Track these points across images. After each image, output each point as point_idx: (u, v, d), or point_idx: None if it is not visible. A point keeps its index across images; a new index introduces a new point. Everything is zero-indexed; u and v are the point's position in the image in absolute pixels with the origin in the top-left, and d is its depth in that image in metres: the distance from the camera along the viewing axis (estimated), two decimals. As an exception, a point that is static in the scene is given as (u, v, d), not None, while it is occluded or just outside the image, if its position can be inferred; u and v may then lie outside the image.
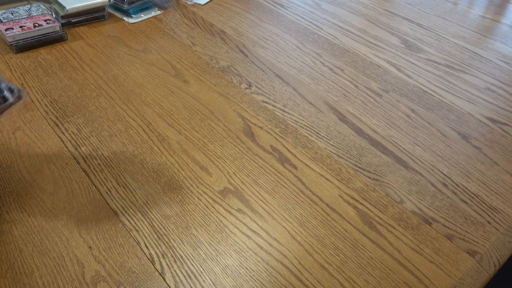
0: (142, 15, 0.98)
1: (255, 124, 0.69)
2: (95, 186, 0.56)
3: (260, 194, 0.57)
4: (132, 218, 0.52)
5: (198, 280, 0.47)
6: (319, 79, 0.82)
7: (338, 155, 0.65)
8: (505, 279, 0.94)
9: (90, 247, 0.49)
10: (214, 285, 0.46)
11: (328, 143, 0.67)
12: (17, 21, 0.84)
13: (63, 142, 0.63)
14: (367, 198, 0.58)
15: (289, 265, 0.49)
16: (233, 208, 0.55)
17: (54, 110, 0.68)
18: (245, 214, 0.54)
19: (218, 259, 0.49)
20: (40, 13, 0.87)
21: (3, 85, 0.52)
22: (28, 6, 0.90)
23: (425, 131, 0.71)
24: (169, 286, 0.46)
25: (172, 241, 0.50)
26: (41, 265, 0.47)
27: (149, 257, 0.48)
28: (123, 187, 0.56)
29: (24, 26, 0.83)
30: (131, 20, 0.96)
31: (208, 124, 0.68)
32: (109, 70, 0.79)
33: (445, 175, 0.63)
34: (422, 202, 0.58)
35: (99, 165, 0.59)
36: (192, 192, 0.56)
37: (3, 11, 0.87)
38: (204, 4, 1.07)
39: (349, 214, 0.56)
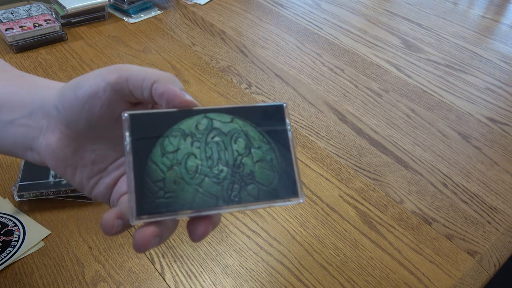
0: (142, 15, 0.98)
1: (255, 124, 0.69)
2: (95, 186, 0.56)
3: (260, 194, 0.57)
4: (132, 218, 0.52)
5: (198, 280, 0.47)
6: (319, 79, 0.82)
7: (338, 155, 0.65)
8: (505, 279, 0.94)
9: (90, 247, 0.49)
10: (214, 285, 0.46)
11: (328, 143, 0.67)
12: (17, 21, 0.84)
13: (63, 142, 0.63)
14: (367, 198, 0.58)
15: (289, 265, 0.49)
16: (233, 208, 0.55)
17: (54, 110, 0.68)
18: (245, 214, 0.54)
19: (218, 259, 0.49)
20: (40, 13, 0.87)
21: None
22: (28, 6, 0.90)
23: (425, 131, 0.71)
24: (169, 286, 0.46)
25: (172, 241, 0.50)
26: (41, 265, 0.47)
27: (149, 257, 0.48)
28: (123, 187, 0.56)
29: (24, 26, 0.83)
30: (131, 20, 0.96)
31: (208, 124, 0.68)
32: (109, 70, 0.79)
33: (445, 175, 0.63)
34: (422, 202, 0.58)
35: (99, 165, 0.59)
36: (192, 192, 0.56)
37: (3, 11, 0.87)
38: (204, 4, 1.07)
39: (349, 214, 0.56)
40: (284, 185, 0.28)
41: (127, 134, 0.26)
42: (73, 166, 0.30)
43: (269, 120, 0.30)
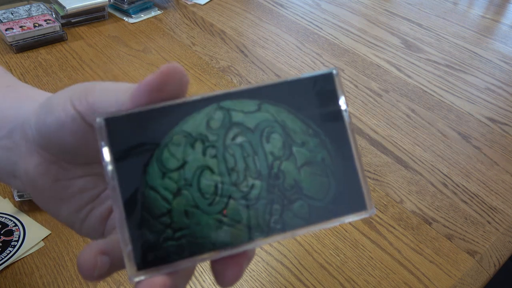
0: (142, 15, 0.98)
1: (255, 124, 0.69)
2: (95, 186, 0.56)
3: (260, 194, 0.57)
4: (132, 218, 0.52)
5: (198, 280, 0.47)
6: (319, 79, 0.82)
7: (338, 155, 0.65)
8: (505, 279, 0.94)
9: (90, 247, 0.49)
10: (214, 285, 0.46)
11: (328, 143, 0.67)
12: (17, 21, 0.84)
13: (63, 142, 0.63)
14: (367, 198, 0.58)
15: (289, 265, 0.49)
16: (233, 208, 0.55)
17: (54, 110, 0.68)
18: (245, 214, 0.54)
19: (218, 259, 0.49)
20: (40, 13, 0.87)
21: None
22: (28, 6, 0.90)
23: (425, 131, 0.71)
24: (169, 286, 0.46)
25: (172, 241, 0.50)
26: (41, 265, 0.47)
27: (149, 257, 0.48)
28: (123, 187, 0.56)
29: (24, 26, 0.83)
30: (131, 20, 0.96)
31: (208, 124, 0.68)
32: (109, 70, 0.79)
33: (445, 175, 0.63)
34: (422, 202, 0.58)
35: (99, 165, 0.59)
36: (192, 192, 0.56)
37: (3, 11, 0.87)
38: (204, 4, 1.07)
39: (349, 214, 0.56)
40: (344, 195, 0.20)
41: (105, 149, 0.18)
42: (57, 197, 0.24)
43: (314, 99, 0.19)
